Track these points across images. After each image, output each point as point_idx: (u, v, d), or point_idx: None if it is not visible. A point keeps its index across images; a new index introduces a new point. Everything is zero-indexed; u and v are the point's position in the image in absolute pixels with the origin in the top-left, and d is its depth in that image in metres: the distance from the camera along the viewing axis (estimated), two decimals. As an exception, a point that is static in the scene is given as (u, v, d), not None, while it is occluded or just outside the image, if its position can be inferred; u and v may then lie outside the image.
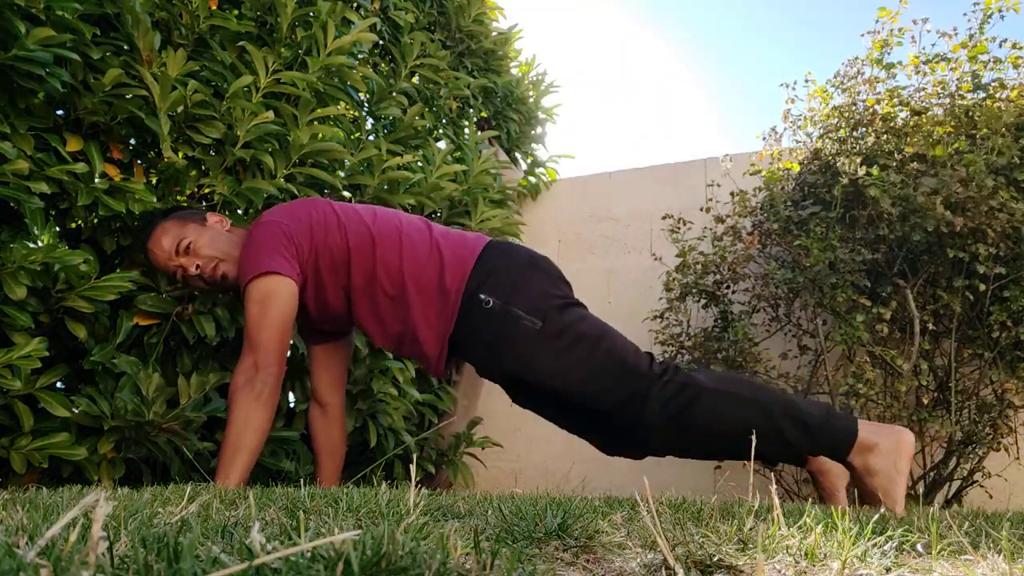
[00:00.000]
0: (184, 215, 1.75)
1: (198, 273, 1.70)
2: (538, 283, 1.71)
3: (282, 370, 1.66)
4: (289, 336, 1.67)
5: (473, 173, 2.81)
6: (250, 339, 1.63)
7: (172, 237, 1.71)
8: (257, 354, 1.62)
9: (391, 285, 1.70)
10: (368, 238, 1.72)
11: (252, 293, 1.63)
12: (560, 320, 1.65)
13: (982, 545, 0.78)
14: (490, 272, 1.69)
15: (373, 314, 1.74)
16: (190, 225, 1.73)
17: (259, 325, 1.62)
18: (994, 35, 2.52)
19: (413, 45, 2.64)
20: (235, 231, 1.79)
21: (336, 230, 1.72)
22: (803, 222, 2.54)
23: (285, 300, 1.65)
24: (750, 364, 2.53)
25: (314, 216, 1.73)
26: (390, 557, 0.49)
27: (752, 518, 0.87)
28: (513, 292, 1.67)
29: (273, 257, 1.65)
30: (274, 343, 1.63)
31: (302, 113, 1.99)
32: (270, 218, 1.71)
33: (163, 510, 0.87)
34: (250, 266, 1.65)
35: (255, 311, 1.62)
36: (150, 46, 1.68)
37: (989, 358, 2.36)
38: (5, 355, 1.43)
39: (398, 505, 0.93)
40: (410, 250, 1.71)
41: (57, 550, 0.45)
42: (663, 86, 16.06)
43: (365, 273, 1.72)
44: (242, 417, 1.59)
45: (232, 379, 1.63)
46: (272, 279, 1.64)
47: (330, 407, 1.90)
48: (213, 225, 1.76)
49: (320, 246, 1.71)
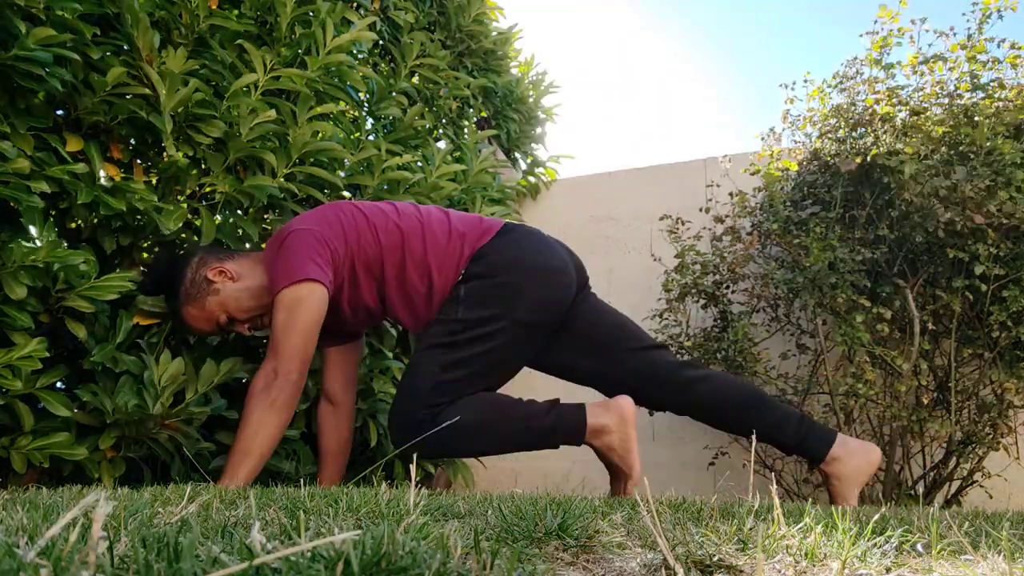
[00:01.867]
0: (191, 293, 1.71)
1: (250, 332, 1.81)
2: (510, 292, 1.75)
3: (303, 377, 1.66)
4: (313, 343, 1.68)
5: (472, 172, 2.81)
6: (274, 345, 1.64)
7: (205, 321, 1.74)
8: (279, 360, 1.62)
9: (419, 281, 1.76)
10: (397, 235, 1.76)
11: (282, 299, 1.64)
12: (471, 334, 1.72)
13: (982, 545, 0.78)
14: (487, 267, 1.76)
15: (405, 305, 1.79)
16: (207, 300, 1.71)
17: (285, 331, 1.63)
18: (993, 35, 2.52)
19: (413, 45, 2.64)
20: (242, 263, 1.77)
21: (367, 230, 1.75)
22: (803, 222, 2.54)
23: (314, 307, 1.65)
24: (750, 364, 2.53)
25: (344, 219, 1.75)
26: (390, 557, 0.49)
27: (752, 518, 0.87)
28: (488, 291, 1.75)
29: (306, 264, 1.65)
30: (297, 351, 1.63)
31: (301, 110, 1.99)
32: (301, 225, 1.71)
33: (163, 510, 0.87)
34: (282, 275, 1.66)
35: (282, 317, 1.63)
36: (150, 45, 1.68)
37: (989, 358, 2.36)
38: (5, 355, 1.42)
39: (398, 505, 0.93)
40: (432, 241, 1.77)
41: (57, 550, 0.45)
42: (662, 86, 16.07)
43: (397, 270, 1.76)
44: (255, 421, 1.59)
45: (252, 382, 1.63)
46: (303, 286, 1.64)
47: (342, 407, 1.92)
48: (223, 284, 1.73)
49: (355, 248, 1.74)
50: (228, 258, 1.77)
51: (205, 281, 1.72)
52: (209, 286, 1.72)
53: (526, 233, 1.85)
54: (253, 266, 1.77)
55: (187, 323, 1.75)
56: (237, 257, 1.79)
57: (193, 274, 1.72)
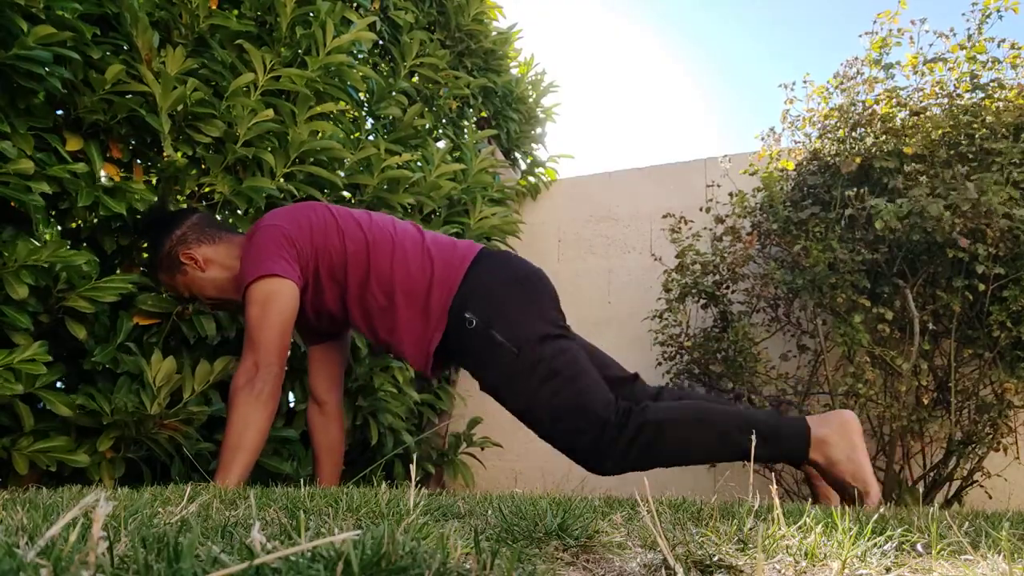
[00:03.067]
0: (164, 263, 1.75)
1: (213, 311, 1.85)
2: (521, 305, 1.71)
3: (282, 370, 1.66)
4: (289, 336, 1.68)
5: (472, 172, 2.81)
6: (251, 339, 1.63)
7: (172, 288, 1.79)
8: (258, 354, 1.62)
9: (382, 295, 1.72)
10: (363, 244, 1.73)
11: (253, 295, 1.64)
12: (537, 352, 1.66)
13: (982, 545, 0.78)
14: (474, 288, 1.70)
15: (364, 321, 1.76)
16: (175, 275, 1.75)
17: (260, 326, 1.63)
18: (992, 35, 2.52)
19: (412, 44, 2.64)
20: (219, 249, 1.77)
21: (335, 234, 1.73)
22: (802, 222, 2.54)
23: (286, 301, 1.65)
24: (750, 364, 2.53)
25: (314, 220, 1.73)
26: (390, 557, 0.49)
27: (752, 518, 0.87)
28: (495, 313, 1.68)
29: (275, 260, 1.65)
30: (274, 343, 1.63)
31: (300, 109, 1.99)
32: (270, 221, 1.71)
33: (163, 510, 0.87)
34: (251, 269, 1.66)
35: (256, 312, 1.63)
36: (149, 45, 1.68)
37: (989, 358, 2.36)
38: (6, 357, 1.42)
39: (398, 505, 0.93)
40: (402, 259, 1.72)
41: (57, 550, 0.45)
42: (663, 86, 16.06)
43: (359, 280, 1.73)
44: (242, 416, 1.59)
45: (233, 379, 1.63)
46: (273, 281, 1.64)
47: (327, 406, 1.91)
48: (191, 269, 1.74)
49: (320, 249, 1.72)
50: (208, 241, 1.76)
51: (177, 259, 1.74)
52: (179, 266, 1.74)
53: (504, 254, 1.82)
54: (228, 253, 1.77)
55: (158, 280, 1.80)
56: (219, 241, 1.77)
57: (171, 248, 1.74)
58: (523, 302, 1.72)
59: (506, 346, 1.66)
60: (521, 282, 1.75)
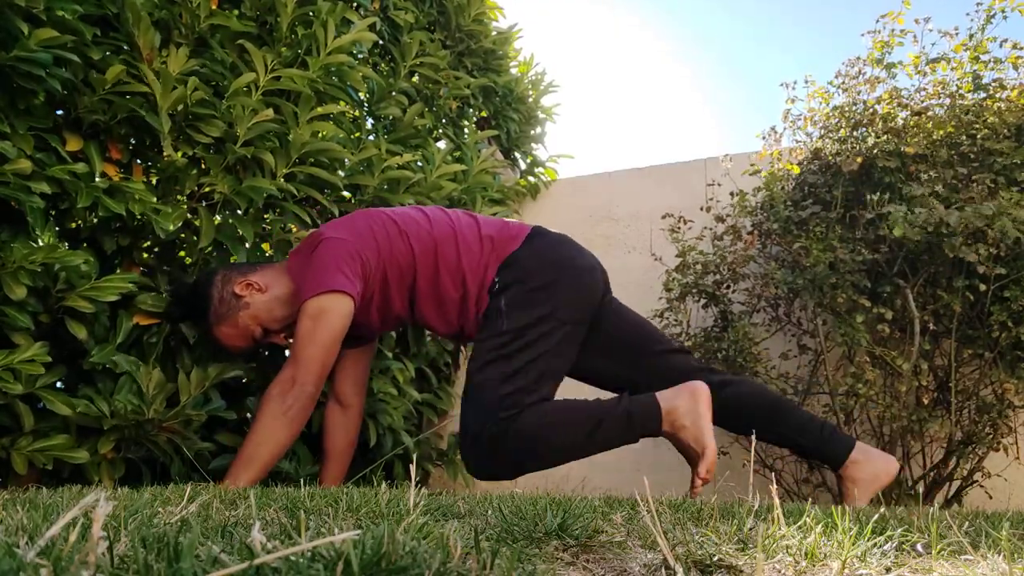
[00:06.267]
0: (221, 312, 1.71)
1: (287, 341, 1.79)
2: (539, 285, 1.74)
3: (318, 391, 1.66)
4: (333, 357, 1.67)
5: (472, 172, 2.81)
6: (295, 353, 1.64)
7: (240, 338, 1.74)
8: (297, 369, 1.62)
9: (452, 286, 1.77)
10: (430, 242, 1.77)
11: (308, 309, 1.64)
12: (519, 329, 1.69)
13: (982, 545, 0.78)
14: (513, 261, 1.76)
15: (438, 312, 1.81)
16: (239, 315, 1.71)
17: (307, 341, 1.63)
18: (995, 35, 2.52)
19: (412, 45, 2.64)
20: (266, 273, 1.76)
21: (399, 238, 1.76)
22: (803, 222, 2.54)
23: (337, 318, 1.65)
24: (750, 364, 2.53)
25: (376, 228, 1.75)
26: (390, 557, 0.49)
27: (752, 518, 0.87)
28: (512, 282, 1.74)
29: (335, 275, 1.65)
30: (316, 363, 1.63)
31: (303, 110, 1.99)
32: (333, 234, 1.71)
33: (163, 510, 0.87)
34: (310, 285, 1.66)
35: (307, 326, 1.63)
36: (150, 44, 1.68)
37: (989, 358, 2.35)
38: (6, 357, 1.42)
39: (398, 505, 0.93)
40: (466, 248, 1.77)
41: (57, 550, 0.45)
42: (663, 86, 16.06)
43: (429, 276, 1.77)
44: (264, 428, 1.60)
45: (270, 385, 1.63)
46: (330, 297, 1.64)
47: (352, 408, 1.92)
48: (252, 297, 1.73)
49: (387, 257, 1.74)
50: (251, 271, 1.77)
51: (234, 297, 1.71)
52: (239, 301, 1.71)
53: (556, 236, 1.86)
54: (277, 275, 1.77)
55: (222, 343, 1.75)
56: (259, 269, 1.78)
57: (220, 292, 1.72)
58: (543, 284, 1.74)
59: (502, 314, 1.70)
60: (554, 264, 1.78)
